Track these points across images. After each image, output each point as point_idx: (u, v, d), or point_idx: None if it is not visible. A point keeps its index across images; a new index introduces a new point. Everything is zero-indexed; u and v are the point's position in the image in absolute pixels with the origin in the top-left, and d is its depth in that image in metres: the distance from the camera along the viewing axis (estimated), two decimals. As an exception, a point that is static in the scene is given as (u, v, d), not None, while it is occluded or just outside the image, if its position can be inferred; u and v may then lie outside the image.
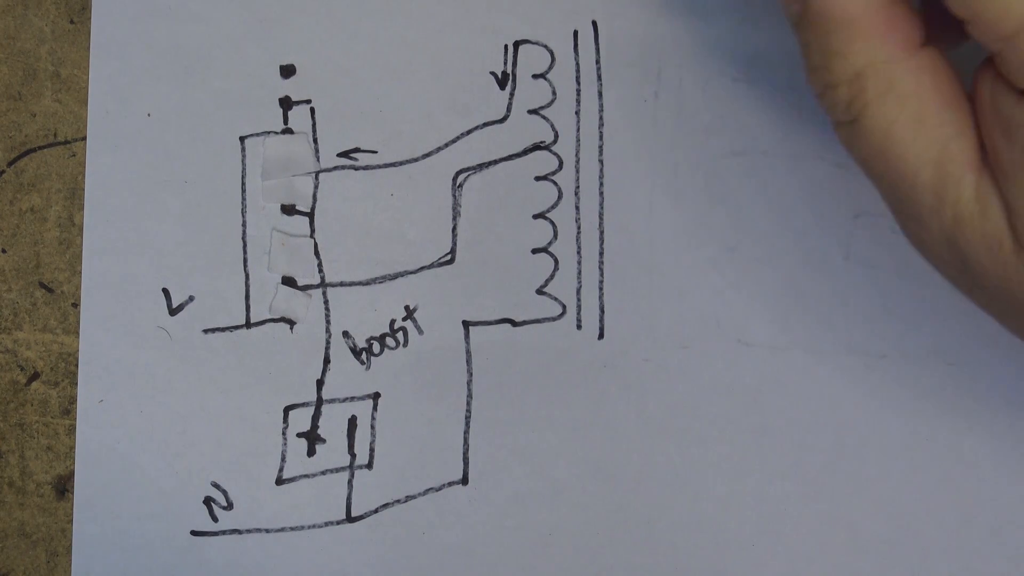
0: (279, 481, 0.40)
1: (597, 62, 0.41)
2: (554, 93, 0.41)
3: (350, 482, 0.40)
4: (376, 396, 0.40)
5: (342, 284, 0.41)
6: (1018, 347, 0.40)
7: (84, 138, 0.40)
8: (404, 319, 0.41)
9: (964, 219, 0.30)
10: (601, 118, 0.41)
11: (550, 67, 0.41)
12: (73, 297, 0.40)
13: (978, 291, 0.32)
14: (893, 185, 0.31)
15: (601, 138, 0.41)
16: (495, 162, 0.41)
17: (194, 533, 0.40)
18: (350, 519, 0.40)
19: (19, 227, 0.40)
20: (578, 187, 0.41)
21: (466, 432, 0.40)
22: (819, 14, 0.30)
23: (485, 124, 0.41)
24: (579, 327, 0.41)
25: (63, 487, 0.40)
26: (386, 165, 0.41)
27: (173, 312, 0.40)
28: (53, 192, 0.40)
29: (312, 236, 0.41)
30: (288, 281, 0.41)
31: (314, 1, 0.41)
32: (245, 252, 0.40)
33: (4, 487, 0.40)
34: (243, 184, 0.40)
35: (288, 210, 0.41)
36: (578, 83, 0.41)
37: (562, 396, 0.41)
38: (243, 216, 0.40)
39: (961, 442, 0.41)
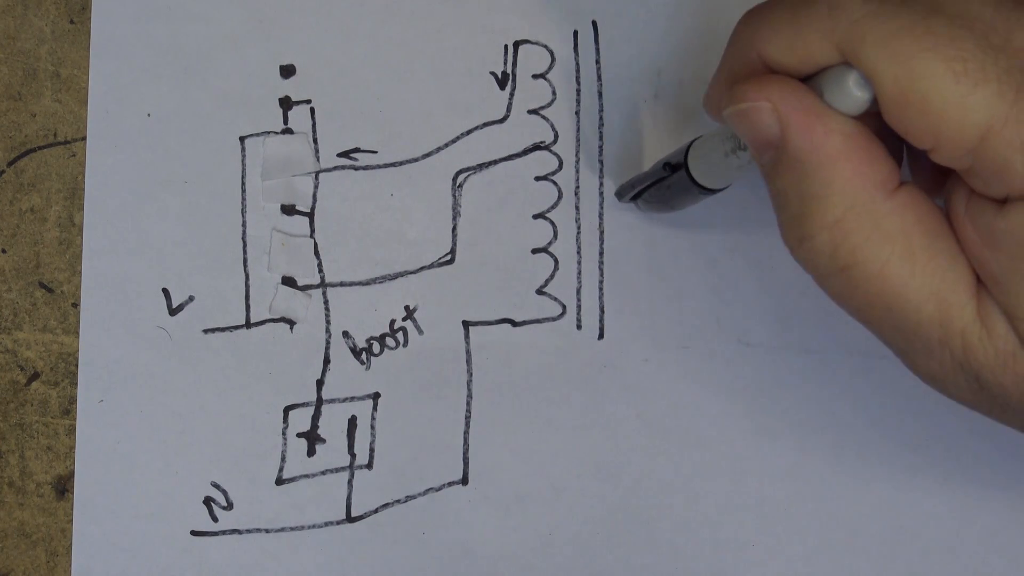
0: (279, 481, 0.40)
1: (597, 62, 0.41)
2: (554, 93, 0.41)
3: (350, 482, 0.40)
4: (376, 396, 0.40)
5: (342, 284, 0.41)
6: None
7: (84, 138, 0.40)
8: (404, 319, 0.41)
9: (974, 344, 0.29)
10: (601, 118, 0.41)
11: (550, 67, 0.41)
12: (73, 297, 0.40)
13: (1000, 411, 0.31)
14: (896, 326, 0.30)
15: (601, 138, 0.41)
16: (495, 162, 0.41)
17: (194, 533, 0.40)
18: (350, 519, 0.40)
19: (19, 227, 0.40)
20: (578, 187, 0.41)
21: (466, 432, 0.40)
22: (797, 156, 0.29)
23: (485, 124, 0.41)
24: (579, 327, 0.41)
25: (63, 487, 0.40)
26: (386, 165, 0.41)
27: (173, 312, 0.40)
28: (53, 192, 0.40)
29: (312, 236, 0.41)
30: (288, 281, 0.41)
31: (314, 1, 0.41)
32: (245, 252, 0.40)
33: (4, 487, 0.40)
34: (243, 184, 0.40)
35: (288, 210, 0.41)
36: (578, 83, 0.41)
37: (562, 396, 0.41)
38: (243, 216, 0.40)
39: (961, 442, 0.41)
